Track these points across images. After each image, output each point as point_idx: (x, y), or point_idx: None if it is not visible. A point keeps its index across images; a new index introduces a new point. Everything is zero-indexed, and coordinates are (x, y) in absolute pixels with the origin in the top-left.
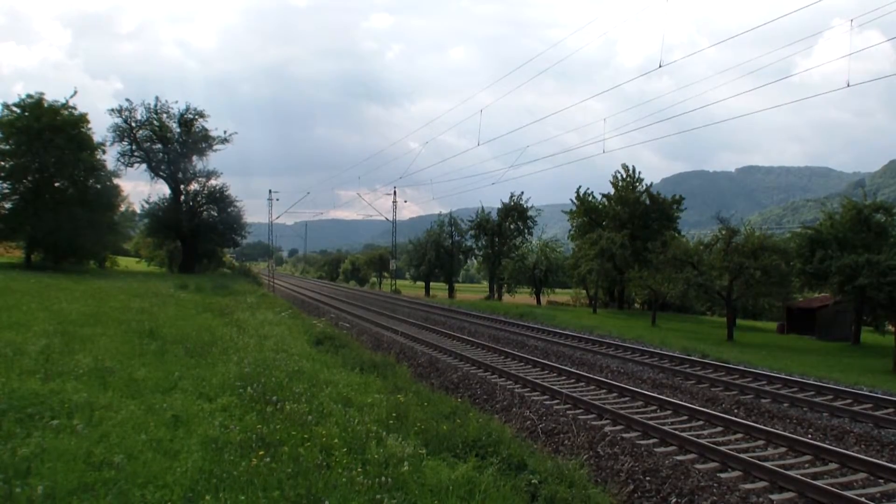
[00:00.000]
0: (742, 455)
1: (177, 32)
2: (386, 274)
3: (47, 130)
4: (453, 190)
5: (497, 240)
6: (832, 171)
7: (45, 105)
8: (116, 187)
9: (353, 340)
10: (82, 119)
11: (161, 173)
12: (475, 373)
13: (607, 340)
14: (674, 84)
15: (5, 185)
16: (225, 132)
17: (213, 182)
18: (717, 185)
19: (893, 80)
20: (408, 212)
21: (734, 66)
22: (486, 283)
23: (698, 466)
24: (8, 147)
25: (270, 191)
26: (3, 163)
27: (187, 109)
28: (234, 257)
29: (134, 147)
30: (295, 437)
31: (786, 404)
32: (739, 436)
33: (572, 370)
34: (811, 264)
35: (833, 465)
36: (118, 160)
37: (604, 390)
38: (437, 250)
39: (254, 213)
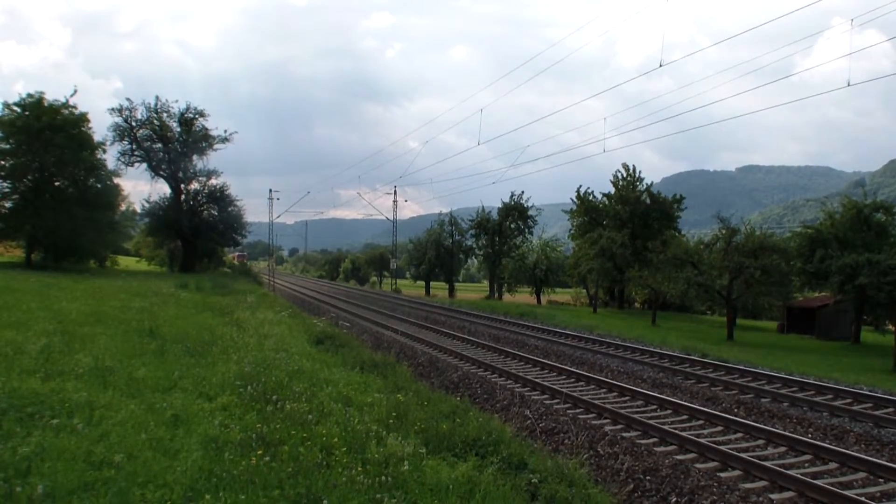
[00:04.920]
0: (742, 454)
1: (176, 31)
2: (386, 273)
3: (47, 130)
4: (454, 189)
5: (497, 239)
6: (832, 170)
7: (46, 104)
8: (117, 187)
9: (353, 340)
10: (82, 118)
11: (161, 173)
12: (475, 372)
13: (607, 340)
14: (674, 83)
15: (5, 185)
16: (225, 131)
17: (213, 181)
18: (717, 184)
19: (893, 80)
20: (408, 211)
21: (734, 66)
22: (486, 283)
23: (698, 466)
24: (8, 146)
25: (271, 190)
26: (3, 162)
27: (187, 109)
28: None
29: (134, 146)
30: (295, 437)
31: (786, 404)
32: (739, 435)
33: (572, 369)
34: (811, 264)
35: (833, 465)
36: (118, 159)
37: (604, 389)
38: (438, 250)
39: (253, 212)
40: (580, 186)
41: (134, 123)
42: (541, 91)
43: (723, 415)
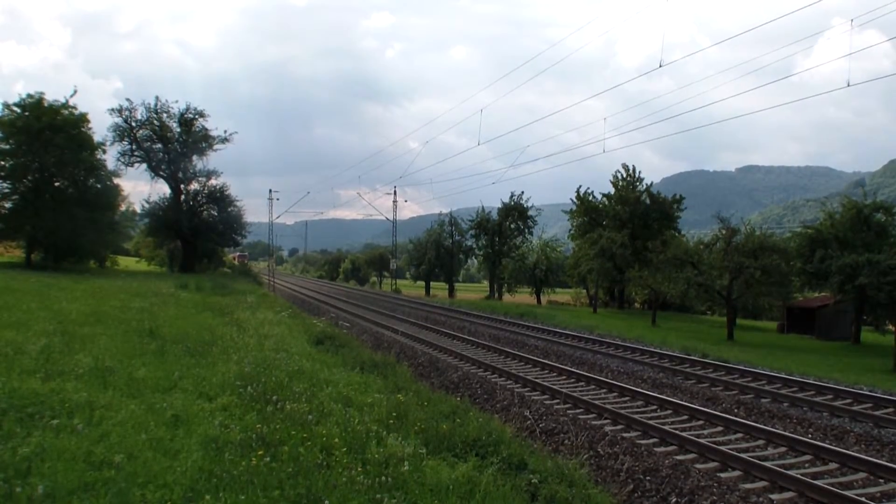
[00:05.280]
0: (742, 455)
1: (176, 31)
2: (386, 273)
3: (47, 130)
4: (453, 189)
5: (497, 239)
6: (832, 170)
7: (46, 105)
8: (116, 187)
9: (353, 340)
10: (82, 119)
11: (161, 173)
12: (475, 372)
13: (607, 340)
14: (674, 84)
15: (5, 185)
16: (225, 132)
17: (213, 182)
18: (717, 184)
19: (893, 80)
20: (408, 211)
21: (734, 66)
22: (486, 283)
23: (698, 466)
24: (8, 146)
25: (271, 190)
26: (3, 162)
27: (187, 109)
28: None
29: (134, 147)
30: (295, 437)
31: (786, 404)
32: (739, 435)
33: (572, 370)
34: (811, 264)
35: (833, 465)
36: (118, 160)
37: (604, 390)
38: (438, 250)
39: (253, 212)
40: (580, 187)
41: (134, 124)
42: (541, 91)
43: (723, 415)
